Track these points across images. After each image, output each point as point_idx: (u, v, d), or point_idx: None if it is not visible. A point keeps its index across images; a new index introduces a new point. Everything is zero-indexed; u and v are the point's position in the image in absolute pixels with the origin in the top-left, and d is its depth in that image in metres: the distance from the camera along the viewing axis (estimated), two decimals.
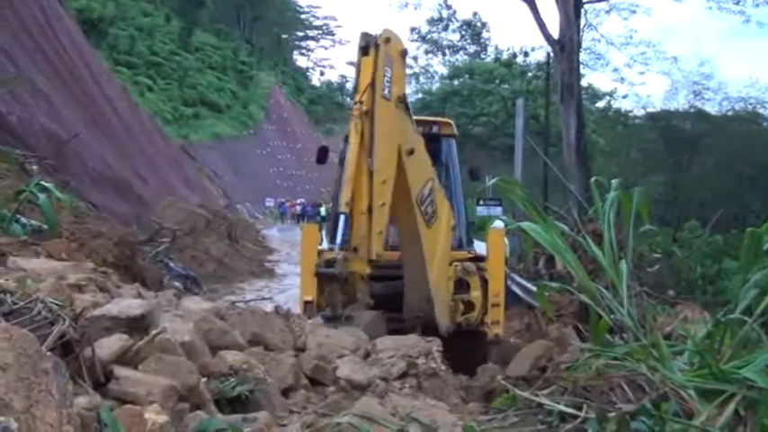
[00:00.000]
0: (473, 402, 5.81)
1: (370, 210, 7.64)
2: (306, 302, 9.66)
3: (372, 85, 7.92)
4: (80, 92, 29.21)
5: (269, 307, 7.45)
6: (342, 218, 7.47)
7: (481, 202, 26.78)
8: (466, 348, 9.14)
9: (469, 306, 10.22)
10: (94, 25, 52.50)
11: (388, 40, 8.26)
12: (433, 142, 10.87)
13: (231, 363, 4.63)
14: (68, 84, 27.93)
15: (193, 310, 5.35)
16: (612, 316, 5.48)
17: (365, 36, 8.08)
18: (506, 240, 12.37)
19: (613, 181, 6.28)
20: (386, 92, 8.08)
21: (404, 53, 8.54)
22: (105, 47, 57.54)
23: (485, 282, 10.27)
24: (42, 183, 8.93)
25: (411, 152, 8.72)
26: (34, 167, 14.01)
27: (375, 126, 7.84)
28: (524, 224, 6.00)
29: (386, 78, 8.11)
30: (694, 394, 4.21)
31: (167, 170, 40.13)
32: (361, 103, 7.90)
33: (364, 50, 8.08)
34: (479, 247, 10.93)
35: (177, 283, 15.52)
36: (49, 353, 2.89)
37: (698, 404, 4.14)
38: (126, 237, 11.12)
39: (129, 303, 4.24)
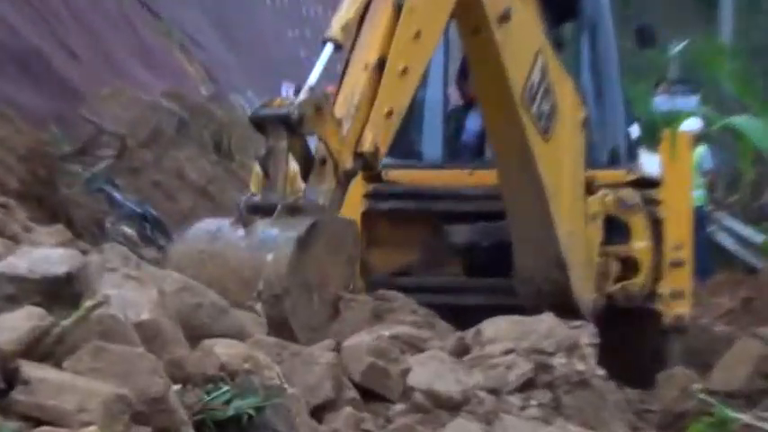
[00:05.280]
0: None
1: (381, 65, 5.58)
2: None
3: None
4: None
5: None
6: (329, 47, 5.61)
7: (661, 88, 19.33)
8: (627, 340, 7.21)
9: (630, 266, 7.93)
10: None
11: None
12: None
13: (224, 360, 3.62)
14: None
15: (161, 272, 4.45)
16: None
17: None
18: (704, 152, 8.88)
19: None
20: None
21: None
22: None
23: (657, 224, 7.96)
24: None
25: (505, 17, 6.50)
26: None
27: None
28: (738, 119, 4.76)
29: None
30: None
31: (112, 37, 28.42)
32: None
33: None
34: (649, 164, 8.37)
35: (127, 229, 12.09)
36: None
37: None
38: (41, 147, 9.66)
39: (46, 255, 3.53)
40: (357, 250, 5.25)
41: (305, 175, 5.19)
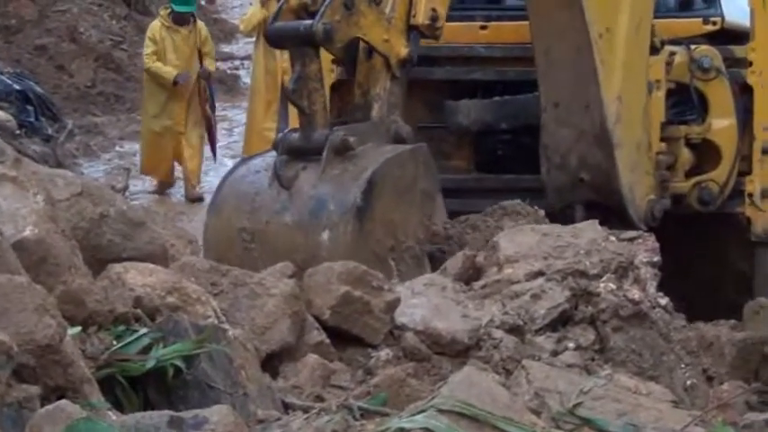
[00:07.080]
0: (730, 382, 4.10)
1: None
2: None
3: None
4: None
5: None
6: None
7: None
8: (701, 257, 6.18)
9: (707, 154, 6.72)
10: None
11: None
12: None
13: (140, 293, 3.29)
14: None
15: (49, 171, 3.90)
16: None
17: None
18: None
19: None
20: None
21: None
22: None
23: (745, 95, 6.65)
24: None
25: None
26: None
27: None
28: None
29: None
30: None
31: None
32: None
33: None
34: (734, 10, 6.99)
35: (1, 113, 10.82)
36: None
37: None
38: None
39: None
40: (433, 181, 4.84)
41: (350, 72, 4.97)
